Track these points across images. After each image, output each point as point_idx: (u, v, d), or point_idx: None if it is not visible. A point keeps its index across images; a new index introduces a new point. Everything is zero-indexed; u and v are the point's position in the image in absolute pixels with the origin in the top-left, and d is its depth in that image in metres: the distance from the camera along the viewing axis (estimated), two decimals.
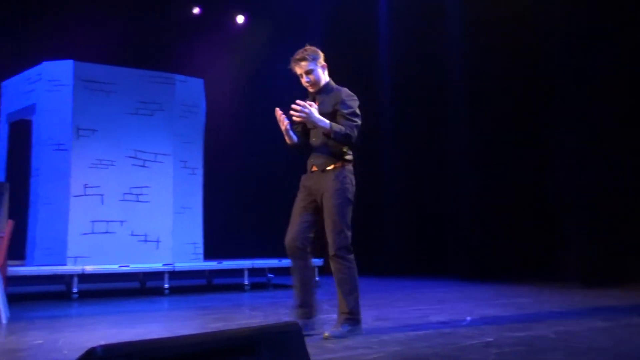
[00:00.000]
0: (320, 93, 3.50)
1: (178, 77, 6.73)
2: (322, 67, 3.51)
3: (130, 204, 6.27)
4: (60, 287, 6.59)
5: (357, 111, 3.47)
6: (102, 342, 1.62)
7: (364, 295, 3.57)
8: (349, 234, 3.37)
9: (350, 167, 3.47)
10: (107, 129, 6.27)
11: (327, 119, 3.36)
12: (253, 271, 6.71)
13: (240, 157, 9.38)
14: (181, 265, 6.28)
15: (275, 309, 4.79)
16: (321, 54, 3.53)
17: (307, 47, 3.48)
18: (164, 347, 1.41)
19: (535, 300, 5.10)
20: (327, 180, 3.38)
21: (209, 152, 7.25)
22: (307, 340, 1.79)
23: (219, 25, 9.72)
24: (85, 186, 6.10)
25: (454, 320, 3.92)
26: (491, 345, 2.99)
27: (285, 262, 6.93)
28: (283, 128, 3.42)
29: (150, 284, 7.15)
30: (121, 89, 6.43)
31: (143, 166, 6.41)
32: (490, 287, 6.39)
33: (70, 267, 5.72)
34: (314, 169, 3.47)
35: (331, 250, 3.36)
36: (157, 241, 6.38)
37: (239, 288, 6.51)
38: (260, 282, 7.18)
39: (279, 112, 3.41)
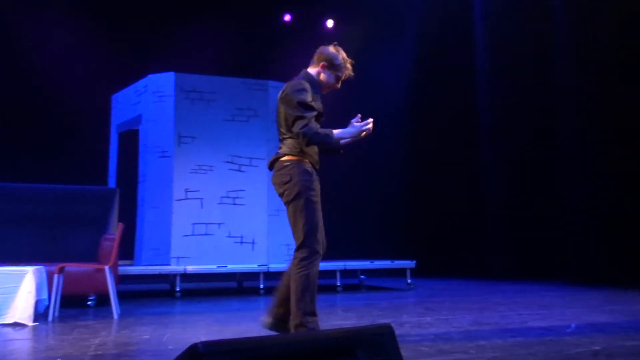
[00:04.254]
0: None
1: (271, 83, 6.93)
2: None
3: (228, 207, 6.52)
4: (165, 286, 6.98)
5: None
6: (204, 339, 1.70)
7: (460, 298, 3.47)
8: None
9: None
10: (206, 136, 6.58)
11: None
12: (345, 272, 6.75)
13: (335, 161, 9.45)
14: (275, 266, 6.44)
15: (368, 310, 4.78)
16: None
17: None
18: (262, 345, 1.45)
19: None
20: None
21: None
22: (400, 343, 1.78)
23: (309, 30, 9.89)
24: (186, 190, 6.43)
25: (558, 326, 3.71)
26: (599, 354, 2.80)
27: (378, 264, 6.92)
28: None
29: (246, 283, 7.39)
30: (219, 97, 6.72)
31: (239, 170, 6.65)
32: (600, 292, 6.00)
33: (174, 267, 6.05)
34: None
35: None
36: (253, 242, 6.59)
37: (332, 289, 6.57)
38: (353, 283, 7.19)
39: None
